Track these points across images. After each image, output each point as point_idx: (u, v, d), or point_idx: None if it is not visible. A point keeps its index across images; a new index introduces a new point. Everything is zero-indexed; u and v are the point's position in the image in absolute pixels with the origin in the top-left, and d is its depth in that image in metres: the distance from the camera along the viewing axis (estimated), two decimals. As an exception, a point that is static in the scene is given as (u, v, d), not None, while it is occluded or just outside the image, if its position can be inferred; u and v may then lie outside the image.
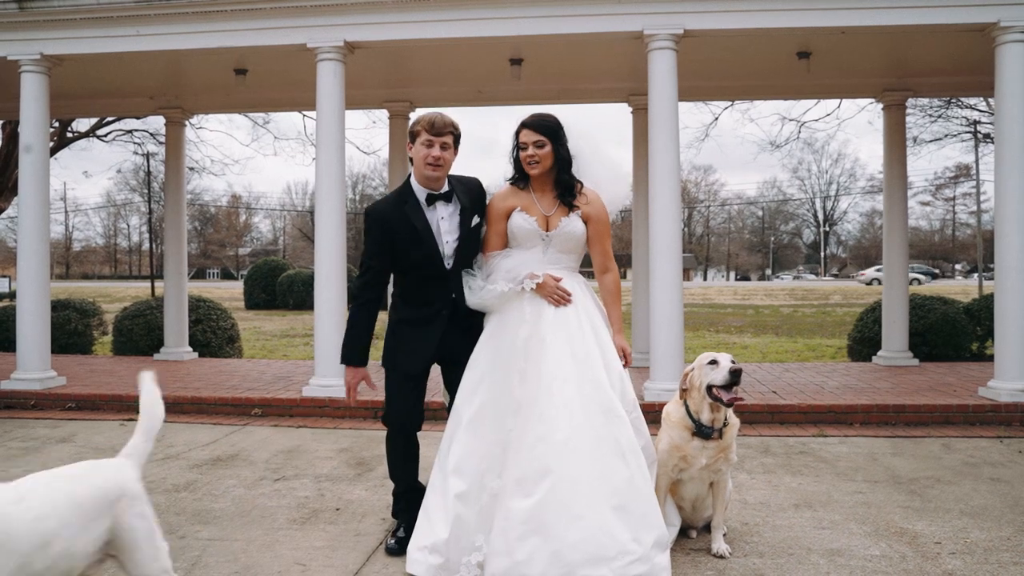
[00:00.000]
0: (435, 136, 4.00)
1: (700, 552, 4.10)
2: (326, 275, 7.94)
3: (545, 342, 3.79)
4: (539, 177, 4.02)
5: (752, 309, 28.74)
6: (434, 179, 4.06)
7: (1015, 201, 7.43)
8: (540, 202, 4.04)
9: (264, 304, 29.21)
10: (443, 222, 4.07)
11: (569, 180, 4.02)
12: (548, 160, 3.96)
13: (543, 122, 3.98)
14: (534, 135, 3.95)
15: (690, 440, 4.03)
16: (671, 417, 4.12)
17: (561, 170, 4.01)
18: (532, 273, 3.89)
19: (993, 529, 4.44)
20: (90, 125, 18.66)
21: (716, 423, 4.01)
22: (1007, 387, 7.43)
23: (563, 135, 3.99)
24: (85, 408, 8.12)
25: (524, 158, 3.97)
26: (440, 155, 4.01)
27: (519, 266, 3.94)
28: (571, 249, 4.03)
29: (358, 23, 7.83)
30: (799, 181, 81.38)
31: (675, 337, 7.58)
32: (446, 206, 4.09)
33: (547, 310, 3.86)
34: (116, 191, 74.95)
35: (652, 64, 7.63)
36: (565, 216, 4.00)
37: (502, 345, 3.88)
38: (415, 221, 4.01)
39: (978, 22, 7.42)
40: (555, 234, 3.99)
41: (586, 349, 3.81)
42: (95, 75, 9.82)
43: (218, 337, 12.33)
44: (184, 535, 4.38)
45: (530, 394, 3.70)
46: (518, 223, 4.01)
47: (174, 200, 11.52)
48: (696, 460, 4.02)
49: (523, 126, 3.99)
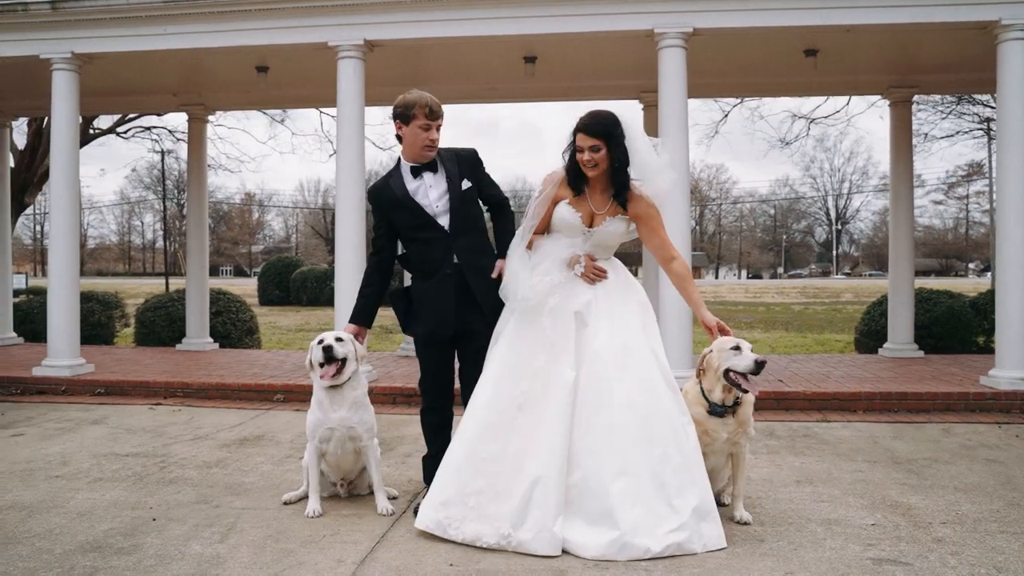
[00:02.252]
0: (432, 120, 4.32)
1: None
2: (345, 269, 8.21)
3: (585, 318, 4.09)
4: (595, 178, 4.17)
5: (763, 306, 28.92)
6: (427, 157, 4.40)
7: (1016, 196, 7.63)
8: (591, 198, 4.21)
9: (278, 300, 29.56)
10: (431, 189, 4.38)
11: (624, 179, 4.11)
12: (604, 163, 4.07)
13: (599, 124, 4.03)
14: (590, 140, 4.03)
15: (708, 417, 4.28)
16: (688, 396, 4.37)
17: (616, 170, 4.10)
18: (575, 256, 4.16)
19: (984, 503, 4.67)
20: (112, 122, 19.06)
21: (727, 401, 4.27)
22: (1007, 375, 7.65)
23: (619, 133, 4.05)
24: (114, 393, 8.43)
25: (582, 161, 4.09)
26: (436, 137, 4.37)
27: (565, 254, 4.18)
28: (609, 247, 4.27)
29: (378, 22, 8.10)
30: (811, 179, 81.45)
31: (684, 329, 7.81)
32: (432, 175, 4.41)
33: (584, 290, 4.14)
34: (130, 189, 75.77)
35: (662, 62, 7.86)
36: (612, 216, 4.18)
37: (532, 317, 4.13)
38: (396, 190, 4.38)
39: (980, 20, 7.63)
40: (597, 231, 4.19)
41: (625, 323, 4.10)
42: (121, 73, 10.13)
43: (238, 329, 12.63)
44: (219, 504, 4.66)
45: (558, 365, 4.00)
46: (562, 215, 4.21)
47: (196, 195, 11.85)
48: (718, 435, 4.29)
49: (578, 130, 4.06)
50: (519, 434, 4.00)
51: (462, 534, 3.93)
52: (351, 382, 4.54)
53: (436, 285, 4.39)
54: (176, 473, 5.36)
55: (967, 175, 60.79)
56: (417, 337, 4.58)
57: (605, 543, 3.74)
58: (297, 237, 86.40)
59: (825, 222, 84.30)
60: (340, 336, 4.50)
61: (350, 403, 4.54)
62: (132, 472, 5.38)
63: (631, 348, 4.06)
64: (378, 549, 3.94)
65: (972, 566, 3.69)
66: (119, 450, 6.04)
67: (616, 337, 4.06)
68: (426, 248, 4.41)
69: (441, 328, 4.42)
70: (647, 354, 4.08)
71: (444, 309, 4.38)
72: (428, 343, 4.50)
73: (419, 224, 4.37)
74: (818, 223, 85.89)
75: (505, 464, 3.98)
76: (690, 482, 3.90)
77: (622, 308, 4.16)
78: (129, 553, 3.87)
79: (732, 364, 4.16)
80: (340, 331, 4.60)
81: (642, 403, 3.95)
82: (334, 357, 4.41)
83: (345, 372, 4.47)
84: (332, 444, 4.53)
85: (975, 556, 3.82)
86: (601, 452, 3.88)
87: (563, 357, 4.04)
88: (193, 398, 8.24)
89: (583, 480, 3.88)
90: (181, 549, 3.93)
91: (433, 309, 4.41)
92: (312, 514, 4.42)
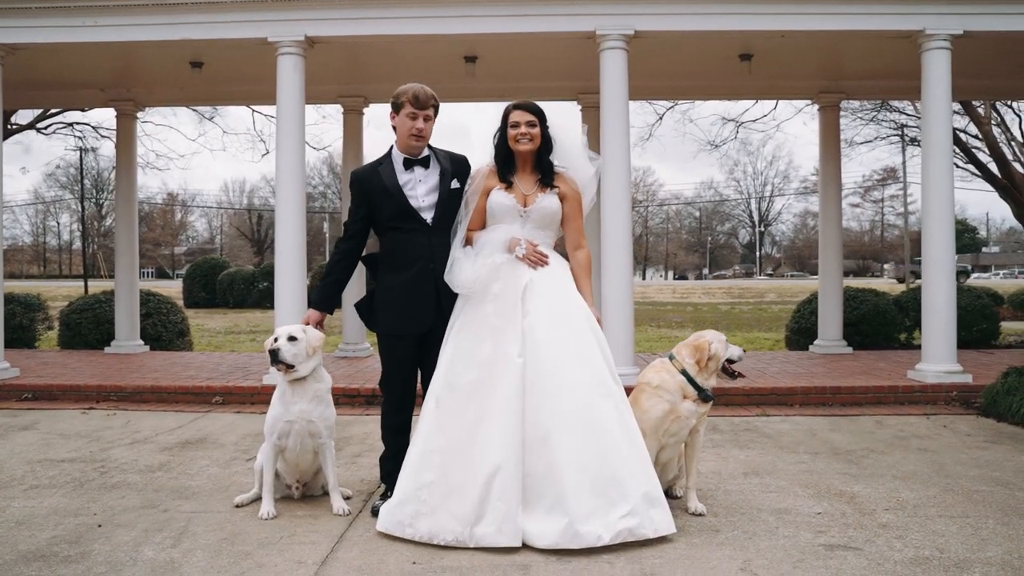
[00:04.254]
0: (419, 109, 4.35)
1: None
2: (286, 268, 8.06)
3: (527, 305, 4.13)
4: (524, 155, 4.33)
5: (691, 306, 29.46)
6: (416, 148, 4.42)
7: (941, 199, 7.99)
8: (520, 182, 4.35)
9: (204, 302, 28.79)
10: (420, 184, 4.41)
11: (550, 162, 4.37)
12: (538, 139, 4.30)
13: (534, 104, 4.34)
14: (527, 115, 4.28)
15: (684, 403, 4.42)
16: (666, 385, 4.44)
17: (544, 152, 4.35)
18: (515, 238, 4.23)
19: (921, 489, 4.88)
20: (32, 117, 18.29)
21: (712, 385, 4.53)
22: (933, 369, 7.99)
23: (547, 120, 4.35)
24: (42, 398, 8.10)
25: (515, 135, 4.28)
26: (423, 127, 4.37)
27: (505, 237, 4.25)
28: (547, 225, 4.34)
29: (319, 18, 7.99)
30: (735, 182, 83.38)
31: (626, 325, 7.92)
32: (424, 169, 4.44)
33: (526, 275, 4.19)
34: (45, 188, 72.85)
35: (604, 64, 7.96)
36: (542, 193, 4.32)
37: (477, 307, 4.19)
38: (386, 179, 4.39)
39: (906, 29, 7.96)
40: (532, 209, 4.30)
41: (567, 311, 4.18)
42: (46, 65, 9.74)
43: (169, 331, 12.29)
44: (167, 508, 4.54)
45: (505, 351, 4.04)
46: (497, 199, 4.32)
47: (125, 193, 11.48)
48: (688, 421, 4.43)
49: (515, 107, 4.32)
50: (468, 425, 4.02)
51: (417, 532, 3.91)
52: (315, 374, 4.50)
53: (412, 279, 4.36)
54: (118, 478, 5.19)
55: (882, 179, 63.26)
56: (386, 333, 4.51)
57: (558, 531, 3.78)
58: (222, 238, 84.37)
59: (748, 224, 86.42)
60: (294, 335, 4.42)
61: (312, 395, 4.49)
62: (71, 478, 5.19)
63: (576, 334, 4.13)
64: (338, 549, 3.89)
65: (917, 548, 3.85)
66: (54, 456, 5.81)
67: (561, 323, 4.13)
68: (404, 239, 4.39)
69: (416, 324, 4.39)
70: (591, 340, 4.15)
71: (422, 304, 4.36)
72: (400, 338, 4.45)
73: (402, 215, 4.37)
74: (742, 225, 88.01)
75: (454, 456, 3.99)
76: (639, 468, 3.97)
77: (565, 293, 4.25)
78: (77, 561, 3.73)
79: (730, 354, 4.49)
80: (296, 327, 4.50)
81: (589, 389, 4.02)
82: (280, 361, 4.35)
83: (300, 369, 4.40)
84: (291, 439, 4.45)
85: (919, 539, 3.98)
86: (553, 439, 3.92)
87: (510, 345, 4.06)
88: (128, 402, 7.98)
89: (536, 468, 3.90)
90: (132, 555, 3.81)
91: (408, 304, 4.38)
92: (267, 516, 4.34)
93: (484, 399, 4.03)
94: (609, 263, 7.94)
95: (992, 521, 4.27)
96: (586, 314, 4.24)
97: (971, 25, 7.85)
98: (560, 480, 3.86)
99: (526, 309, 4.14)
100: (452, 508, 3.91)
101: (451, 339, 4.24)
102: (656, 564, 3.66)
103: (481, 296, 4.18)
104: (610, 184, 7.92)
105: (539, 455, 3.92)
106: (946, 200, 7.99)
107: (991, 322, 12.16)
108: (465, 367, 4.10)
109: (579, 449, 3.91)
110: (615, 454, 3.94)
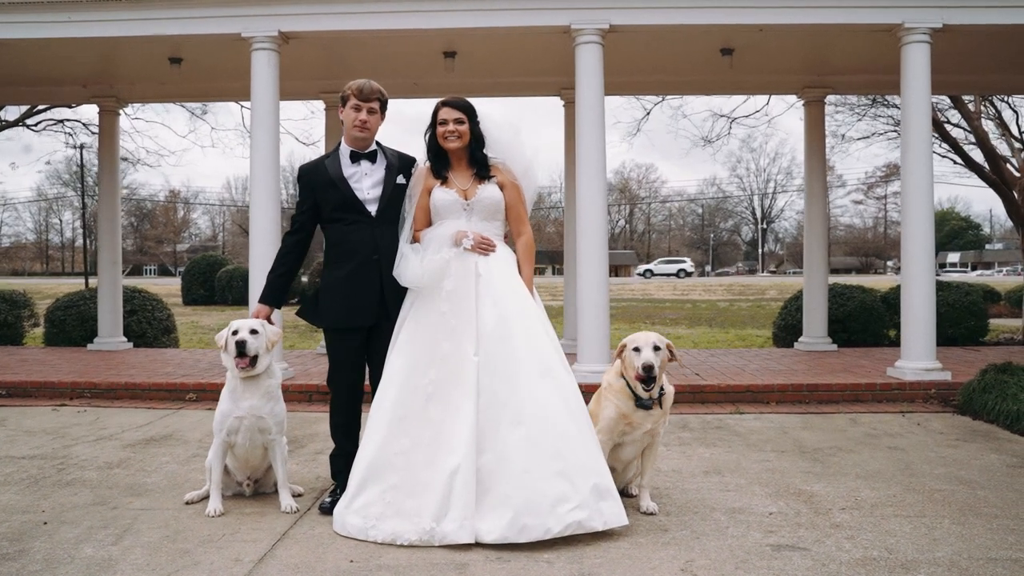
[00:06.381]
0: (363, 101, 4.37)
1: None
2: (260, 262, 7.98)
3: (479, 300, 4.13)
4: (456, 152, 4.34)
5: (690, 303, 29.37)
6: (361, 139, 4.43)
7: (920, 194, 7.91)
8: (456, 177, 4.36)
9: (203, 300, 28.82)
10: (365, 177, 4.41)
11: (483, 156, 4.37)
12: (467, 136, 4.31)
13: (461, 100, 4.37)
14: (455, 112, 4.30)
15: (635, 409, 4.31)
16: (614, 386, 4.39)
17: (476, 147, 4.35)
18: (462, 231, 4.21)
19: (882, 488, 4.82)
20: (20, 113, 18.25)
21: (653, 395, 4.31)
22: (912, 366, 7.91)
23: (476, 116, 4.37)
24: (16, 395, 8.08)
25: (443, 133, 4.29)
26: (367, 119, 4.38)
27: (451, 231, 4.23)
28: (492, 215, 4.34)
29: (293, 13, 7.94)
30: (738, 179, 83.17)
31: (600, 321, 7.85)
32: (371, 163, 4.44)
33: (476, 268, 4.18)
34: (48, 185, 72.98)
35: (579, 58, 7.90)
36: (481, 185, 4.32)
37: (430, 304, 4.17)
38: (331, 171, 4.40)
39: (885, 23, 7.87)
40: (475, 201, 4.30)
41: (519, 305, 4.17)
42: (25, 61, 9.69)
43: (153, 328, 12.26)
44: (116, 506, 4.50)
45: (463, 350, 4.03)
46: (439, 196, 4.32)
47: (108, 189, 11.44)
48: (642, 425, 4.34)
49: (443, 104, 4.35)
50: (430, 424, 4.00)
51: (381, 533, 3.87)
52: (267, 370, 4.48)
53: (356, 271, 4.35)
54: (74, 475, 5.16)
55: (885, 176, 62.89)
56: (331, 327, 4.49)
57: (505, 525, 3.75)
58: (224, 236, 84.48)
59: (751, 221, 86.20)
60: (255, 328, 4.38)
61: (263, 392, 4.46)
62: (27, 475, 5.16)
63: (527, 327, 4.13)
64: (278, 547, 3.85)
65: (866, 548, 3.80)
66: (15, 452, 5.78)
67: (512, 317, 4.12)
68: (348, 230, 4.39)
69: (360, 316, 4.36)
70: (542, 333, 4.15)
71: (365, 296, 4.34)
72: (345, 332, 4.42)
73: (345, 206, 4.38)
74: (744, 222, 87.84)
75: (418, 456, 3.97)
76: (588, 461, 3.94)
77: (513, 285, 4.23)
78: (14, 559, 3.69)
79: (642, 361, 4.20)
80: (255, 321, 4.46)
81: (541, 381, 4.01)
82: (246, 353, 4.32)
83: (259, 365, 4.38)
84: (241, 435, 4.42)
85: (869, 539, 3.92)
86: (501, 433, 3.91)
87: (466, 342, 4.07)
88: (101, 398, 7.95)
89: (488, 463, 3.89)
90: (71, 553, 3.77)
91: (352, 295, 4.35)
92: (213, 513, 4.30)
93: (445, 398, 4.03)
94: (584, 260, 7.88)
95: (948, 521, 4.21)
96: (533, 306, 4.23)
97: (951, 19, 7.76)
98: (508, 474, 3.84)
99: (479, 305, 4.13)
100: (417, 507, 3.88)
101: (403, 336, 4.21)
102: (596, 564, 3.61)
103: (434, 293, 4.17)
104: (585, 180, 7.87)
105: (488, 450, 3.91)
106: (925, 195, 7.91)
107: (979, 319, 12.07)
108: (424, 367, 4.09)
109: (527, 443, 3.89)
110: (564, 448, 3.92)
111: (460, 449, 3.89)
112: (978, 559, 3.66)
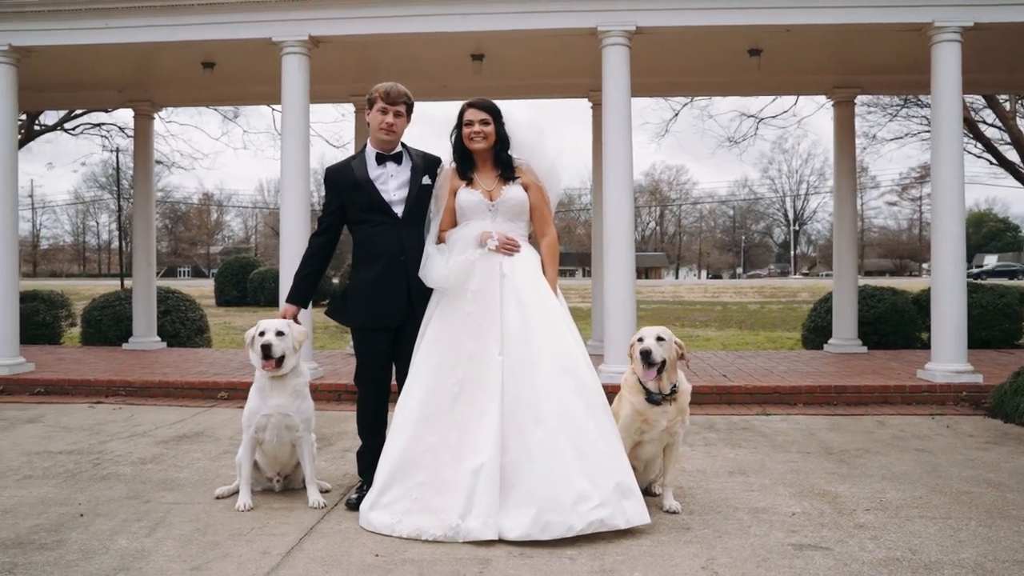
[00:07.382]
0: (390, 105, 4.43)
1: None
2: (290, 264, 8.11)
3: (504, 301, 4.18)
4: (481, 153, 4.40)
5: (720, 306, 29.20)
6: (387, 142, 4.50)
7: (951, 194, 7.83)
8: (481, 178, 4.41)
9: (235, 301, 29.18)
10: (391, 179, 4.48)
11: (508, 157, 4.42)
12: (492, 137, 4.37)
13: (488, 102, 4.42)
14: (480, 113, 4.36)
15: (648, 406, 4.34)
16: (628, 382, 4.45)
17: (501, 148, 4.41)
18: (486, 232, 4.26)
19: (908, 490, 4.79)
20: (58, 118, 18.67)
21: (663, 389, 4.33)
22: (942, 368, 7.84)
23: (502, 117, 4.42)
24: (54, 393, 8.28)
25: (468, 134, 4.35)
26: (393, 122, 4.45)
27: (476, 232, 4.29)
28: (517, 216, 4.39)
29: (322, 18, 8.06)
30: (770, 180, 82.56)
31: (627, 321, 7.86)
32: (396, 165, 4.51)
33: (501, 268, 4.23)
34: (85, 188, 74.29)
35: (606, 60, 7.93)
36: (506, 186, 4.38)
37: (456, 305, 4.23)
38: (358, 173, 4.47)
39: (915, 22, 7.81)
40: (500, 202, 4.35)
41: (543, 306, 4.22)
42: (64, 67, 9.95)
43: (187, 328, 12.47)
44: (149, 500, 4.61)
45: (488, 350, 4.09)
46: (464, 197, 4.38)
47: (143, 191, 11.68)
48: (657, 423, 4.35)
49: (469, 106, 4.42)
50: (457, 423, 4.07)
51: (406, 529, 3.94)
52: (294, 369, 4.56)
53: (383, 272, 4.42)
54: (110, 470, 5.29)
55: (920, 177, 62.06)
56: (358, 326, 4.57)
57: (528, 522, 3.79)
58: (257, 238, 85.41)
59: (783, 223, 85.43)
60: (281, 329, 4.46)
61: (290, 391, 4.54)
62: (64, 469, 5.30)
63: (551, 327, 4.18)
64: (305, 541, 3.93)
65: (889, 549, 3.79)
66: (52, 448, 5.94)
67: (536, 317, 4.16)
68: (375, 232, 4.46)
69: (387, 317, 4.43)
70: (565, 333, 4.20)
71: (393, 297, 4.41)
72: (373, 332, 4.49)
73: (371, 207, 4.45)
74: (776, 224, 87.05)
75: (445, 455, 4.03)
76: (611, 460, 3.98)
77: (537, 285, 4.28)
78: (52, 549, 3.81)
79: (643, 347, 4.25)
80: (282, 322, 4.54)
81: (564, 381, 4.05)
82: (271, 355, 4.40)
83: (285, 365, 4.46)
84: (268, 432, 4.51)
85: (893, 540, 3.91)
86: (526, 432, 3.95)
87: (491, 342, 4.12)
88: (135, 396, 8.12)
89: (511, 461, 3.94)
90: (106, 544, 3.88)
91: (380, 296, 4.42)
92: (243, 507, 4.40)
93: (470, 397, 4.09)
94: (610, 260, 7.91)
95: (974, 523, 4.18)
96: (557, 306, 4.28)
97: (982, 17, 7.68)
98: (531, 472, 3.89)
99: (503, 305, 4.18)
100: (443, 504, 3.94)
101: (429, 336, 4.28)
102: (618, 560, 3.64)
103: (459, 293, 4.23)
104: (612, 181, 7.90)
105: (512, 448, 3.96)
106: (956, 195, 7.82)
107: (1013, 321, 11.86)
108: (451, 366, 4.15)
109: (550, 441, 3.94)
110: (586, 446, 3.96)
111: (485, 449, 3.96)
112: (1003, 561, 3.64)
